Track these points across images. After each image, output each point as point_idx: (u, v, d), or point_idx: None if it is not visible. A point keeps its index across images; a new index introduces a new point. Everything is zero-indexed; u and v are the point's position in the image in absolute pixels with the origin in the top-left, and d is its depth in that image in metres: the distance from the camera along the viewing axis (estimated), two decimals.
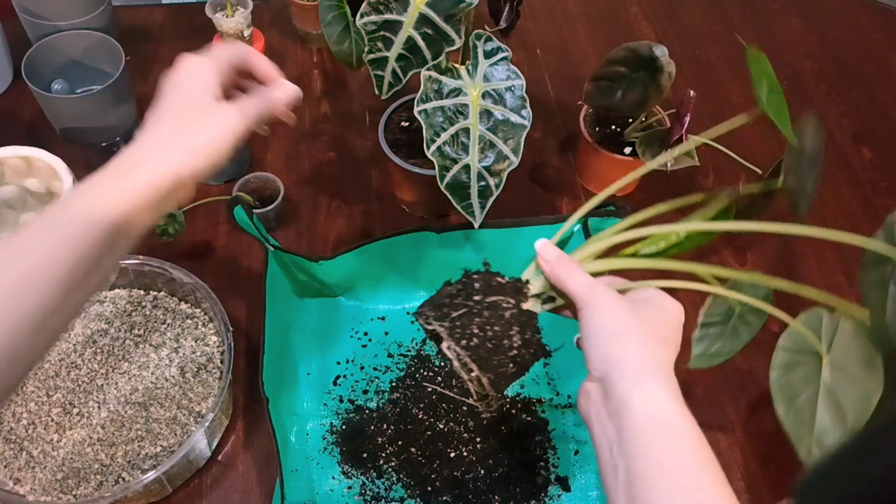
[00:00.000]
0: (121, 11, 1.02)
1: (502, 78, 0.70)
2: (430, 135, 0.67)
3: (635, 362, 0.43)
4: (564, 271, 0.50)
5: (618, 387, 0.43)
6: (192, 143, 0.47)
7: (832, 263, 0.88)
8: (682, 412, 0.42)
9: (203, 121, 0.48)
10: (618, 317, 0.46)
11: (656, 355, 0.45)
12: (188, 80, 0.49)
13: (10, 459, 0.63)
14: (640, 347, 0.44)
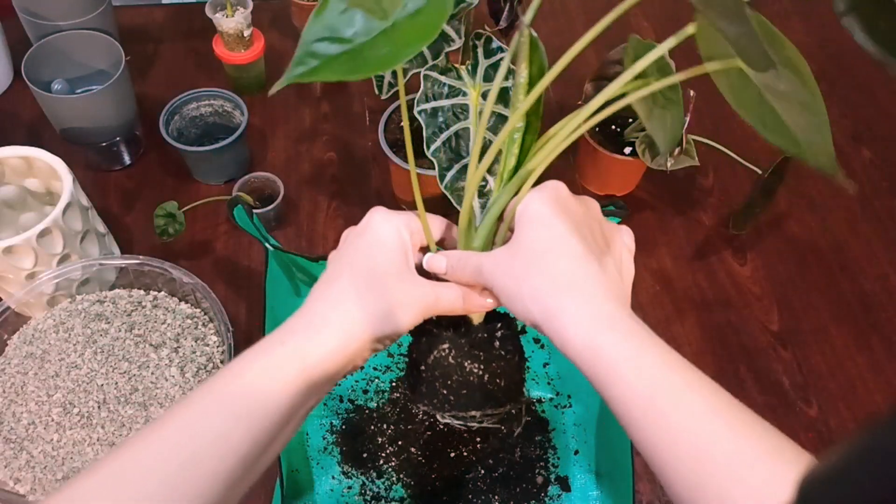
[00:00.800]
0: (121, 11, 1.02)
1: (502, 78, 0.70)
2: (430, 135, 0.67)
3: (545, 321, 0.40)
4: (459, 269, 0.45)
5: (555, 339, 0.40)
6: (383, 309, 0.43)
7: (832, 263, 0.88)
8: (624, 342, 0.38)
9: (399, 289, 0.44)
10: (514, 291, 0.41)
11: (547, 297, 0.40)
12: (387, 242, 0.45)
13: (10, 459, 0.63)
14: (543, 306, 0.40)
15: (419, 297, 0.44)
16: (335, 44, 0.36)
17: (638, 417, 0.38)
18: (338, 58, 0.35)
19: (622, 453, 0.63)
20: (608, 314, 0.39)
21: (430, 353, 0.49)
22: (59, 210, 0.67)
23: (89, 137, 0.83)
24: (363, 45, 0.36)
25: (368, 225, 0.47)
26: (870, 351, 0.81)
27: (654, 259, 0.86)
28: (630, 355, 0.38)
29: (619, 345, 0.38)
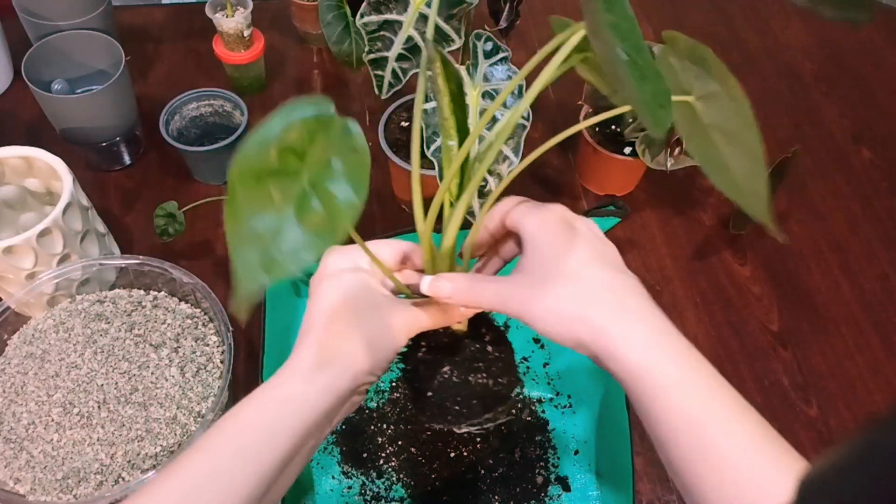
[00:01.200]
0: (121, 11, 1.02)
1: (502, 78, 0.70)
2: (429, 135, 0.67)
3: (593, 341, 0.39)
4: (472, 296, 0.44)
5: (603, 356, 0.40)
6: (366, 341, 0.43)
7: (832, 263, 0.88)
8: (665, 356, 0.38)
9: (377, 317, 0.44)
10: (545, 322, 0.41)
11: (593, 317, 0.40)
12: (348, 278, 0.45)
13: (10, 459, 0.63)
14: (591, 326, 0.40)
15: (400, 321, 0.44)
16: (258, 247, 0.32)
17: (682, 442, 0.38)
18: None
19: (622, 453, 0.63)
20: (660, 331, 0.39)
21: (433, 380, 0.49)
22: (59, 210, 0.67)
23: (89, 137, 0.83)
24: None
25: (325, 268, 0.46)
26: (870, 351, 0.81)
27: (654, 259, 0.86)
28: (680, 378, 0.38)
29: (670, 366, 0.38)
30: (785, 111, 1.03)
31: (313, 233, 0.32)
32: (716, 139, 0.39)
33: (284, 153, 0.34)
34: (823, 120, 1.03)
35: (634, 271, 0.90)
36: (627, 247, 0.87)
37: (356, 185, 0.33)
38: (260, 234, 0.31)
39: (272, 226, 0.32)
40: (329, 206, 0.33)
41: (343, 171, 0.34)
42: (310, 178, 0.33)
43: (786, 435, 0.77)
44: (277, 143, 0.35)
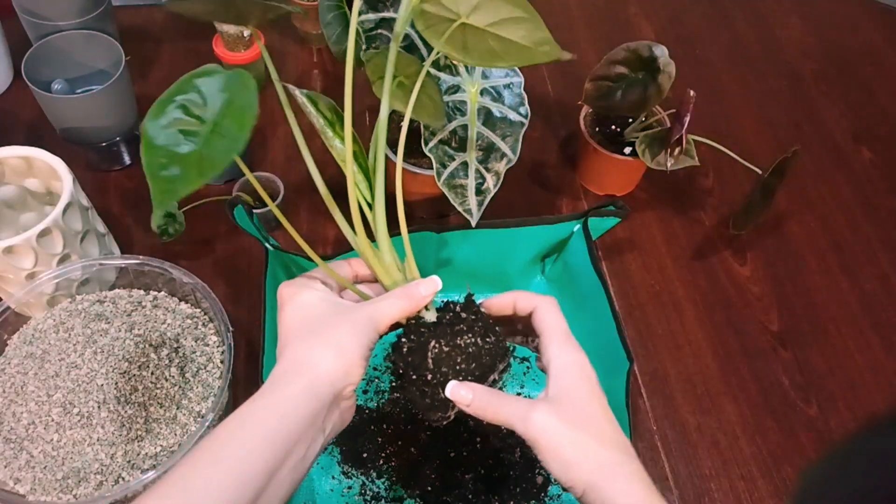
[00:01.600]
0: (121, 11, 1.02)
1: (501, 75, 0.70)
2: (427, 131, 0.67)
3: (600, 488, 0.44)
4: (491, 410, 0.47)
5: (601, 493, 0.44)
6: (338, 343, 0.45)
7: (832, 263, 0.88)
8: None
9: (343, 320, 0.46)
10: (563, 450, 0.45)
11: (606, 463, 0.44)
12: (303, 296, 0.49)
13: (10, 459, 0.63)
14: (594, 470, 0.44)
15: (364, 317, 0.46)
16: (175, 165, 0.42)
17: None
18: (186, 172, 0.42)
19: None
20: (646, 487, 0.44)
21: (426, 361, 0.49)
22: (59, 210, 0.67)
23: (89, 137, 0.83)
24: (200, 151, 0.42)
25: (281, 298, 0.50)
26: (870, 351, 0.81)
27: (654, 259, 0.86)
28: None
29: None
30: (785, 111, 1.03)
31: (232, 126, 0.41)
32: (493, 34, 0.49)
33: (190, 106, 0.44)
34: (823, 120, 1.03)
35: (634, 271, 0.91)
36: (627, 247, 0.87)
37: (246, 114, 0.42)
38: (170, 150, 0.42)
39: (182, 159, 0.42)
40: (229, 133, 0.42)
41: (238, 109, 0.42)
42: (214, 120, 0.42)
43: (786, 435, 0.78)
44: (182, 101, 0.44)
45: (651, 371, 0.78)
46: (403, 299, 0.49)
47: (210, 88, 0.43)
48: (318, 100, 0.56)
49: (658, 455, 0.72)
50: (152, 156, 0.42)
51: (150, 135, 0.43)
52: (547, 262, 0.80)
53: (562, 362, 0.48)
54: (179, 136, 0.42)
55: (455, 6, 0.49)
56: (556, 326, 0.49)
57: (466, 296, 0.53)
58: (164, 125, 0.43)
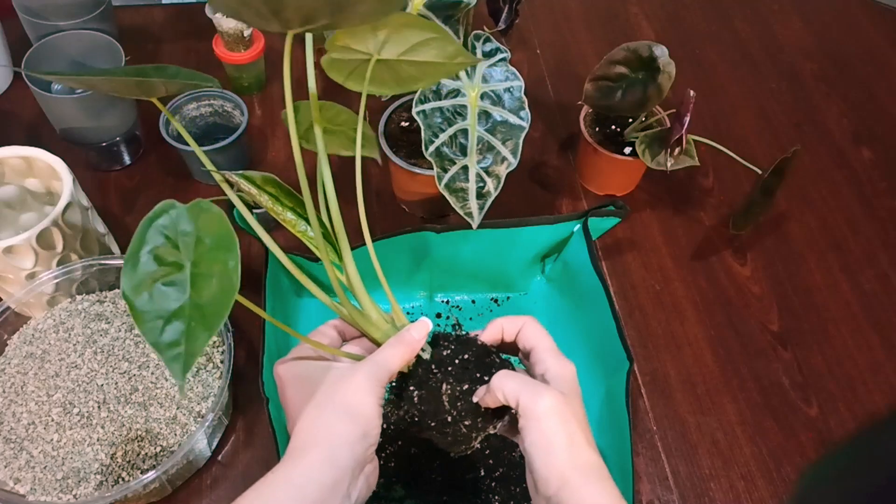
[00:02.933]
0: (121, 11, 1.02)
1: (501, 79, 0.70)
2: (428, 135, 0.67)
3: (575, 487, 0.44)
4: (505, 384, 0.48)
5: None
6: (346, 406, 0.45)
7: (832, 263, 0.88)
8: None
9: (344, 383, 0.46)
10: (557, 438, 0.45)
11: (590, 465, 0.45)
12: (300, 370, 0.50)
13: (10, 459, 0.63)
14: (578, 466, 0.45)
15: (364, 377, 0.46)
16: (174, 322, 0.38)
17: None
18: (191, 328, 0.38)
19: (622, 453, 0.63)
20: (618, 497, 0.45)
21: (442, 405, 0.50)
22: (59, 210, 0.67)
23: (89, 137, 0.83)
24: (193, 301, 0.39)
25: (279, 379, 0.51)
26: (870, 351, 0.81)
27: (654, 259, 0.86)
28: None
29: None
30: (785, 111, 1.03)
31: (213, 300, 0.38)
32: (408, 61, 0.51)
33: (161, 253, 0.40)
34: (823, 120, 1.03)
35: (634, 271, 0.91)
36: (627, 247, 0.87)
37: (226, 244, 0.40)
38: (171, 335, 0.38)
39: (178, 314, 0.38)
40: (221, 274, 0.39)
41: (214, 241, 0.40)
42: (192, 261, 0.40)
43: (786, 435, 0.78)
44: (150, 250, 0.40)
45: (651, 371, 0.78)
46: (400, 347, 0.49)
47: (174, 228, 0.41)
48: (256, 178, 0.58)
49: (658, 455, 0.72)
50: (145, 323, 0.38)
51: (132, 302, 0.39)
52: (547, 262, 0.80)
53: (557, 371, 0.49)
54: (164, 290, 0.39)
55: (364, 46, 0.51)
56: (544, 340, 0.51)
57: (455, 331, 0.55)
58: (139, 283, 0.39)
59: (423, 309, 0.79)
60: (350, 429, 0.44)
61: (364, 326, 0.53)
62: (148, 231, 0.40)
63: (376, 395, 0.46)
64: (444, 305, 0.80)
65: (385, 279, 0.55)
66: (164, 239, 0.40)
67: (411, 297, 0.79)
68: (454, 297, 0.80)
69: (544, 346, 0.50)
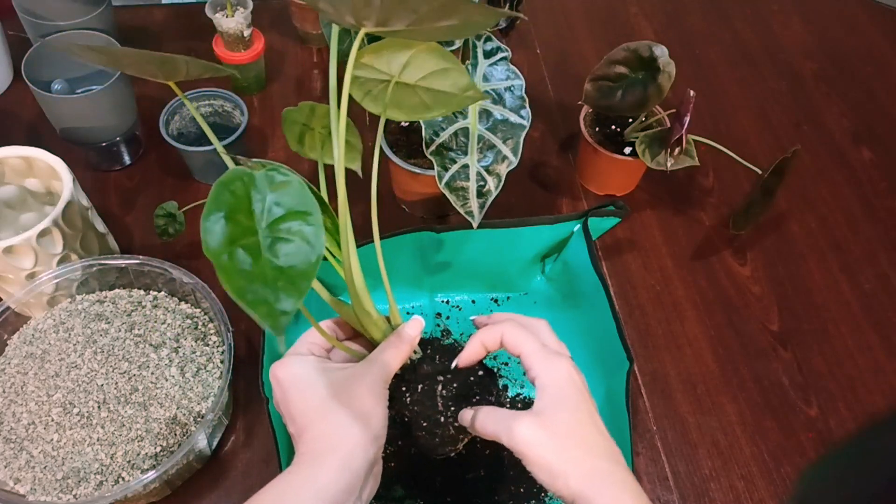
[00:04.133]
0: (121, 11, 1.02)
1: (502, 78, 0.70)
2: (429, 134, 0.67)
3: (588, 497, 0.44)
4: (478, 425, 0.49)
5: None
6: (352, 408, 0.46)
7: (832, 263, 0.88)
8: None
9: (346, 392, 0.47)
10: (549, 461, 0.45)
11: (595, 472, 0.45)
12: (299, 374, 0.49)
13: (10, 459, 0.63)
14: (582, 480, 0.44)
15: (367, 380, 0.47)
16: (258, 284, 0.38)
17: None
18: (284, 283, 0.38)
19: (622, 453, 0.63)
20: (636, 493, 0.45)
21: (436, 405, 0.51)
22: (59, 210, 0.67)
23: (89, 137, 0.83)
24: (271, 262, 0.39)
25: (277, 381, 0.50)
26: (870, 351, 0.81)
27: (654, 259, 0.86)
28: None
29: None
30: (785, 111, 1.03)
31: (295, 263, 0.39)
32: (424, 87, 0.53)
33: (234, 218, 0.40)
34: (823, 120, 1.03)
35: (634, 271, 0.90)
36: (627, 247, 0.87)
37: (303, 202, 0.40)
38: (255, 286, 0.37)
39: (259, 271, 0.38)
40: (298, 235, 0.39)
41: (285, 203, 0.40)
42: (266, 223, 0.40)
43: (786, 435, 0.78)
44: (224, 214, 0.39)
45: (651, 371, 0.78)
46: (400, 345, 0.50)
47: (247, 194, 0.41)
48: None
49: (658, 455, 0.72)
50: (230, 283, 0.37)
51: (218, 262, 0.38)
52: (547, 262, 0.80)
53: (546, 376, 0.48)
54: (242, 254, 0.39)
55: (388, 67, 0.52)
56: (527, 344, 0.49)
57: (441, 331, 0.55)
58: (218, 247, 0.38)
59: (424, 309, 0.79)
60: (363, 434, 0.45)
61: (365, 324, 0.53)
62: (222, 194, 0.40)
63: (383, 397, 0.47)
64: (444, 305, 0.80)
65: (369, 283, 0.55)
66: (236, 201, 0.40)
67: (411, 296, 0.79)
68: (454, 297, 0.80)
69: (528, 351, 0.49)
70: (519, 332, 0.50)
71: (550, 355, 0.49)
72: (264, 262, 0.38)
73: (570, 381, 0.48)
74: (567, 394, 0.47)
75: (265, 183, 0.41)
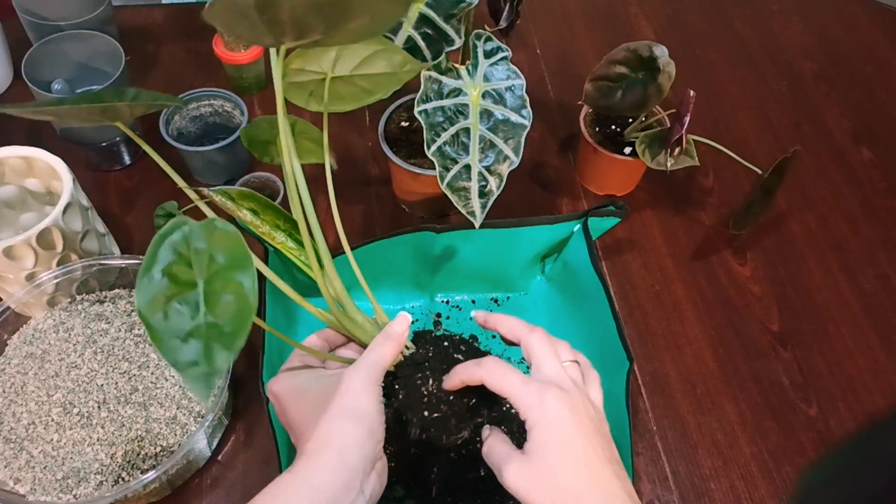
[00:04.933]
0: (121, 11, 1.02)
1: (502, 78, 0.70)
2: (430, 135, 0.67)
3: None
4: (485, 449, 0.49)
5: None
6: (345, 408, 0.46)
7: (832, 263, 0.88)
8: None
9: (339, 395, 0.47)
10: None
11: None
12: (294, 385, 0.50)
13: (10, 459, 0.63)
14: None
15: (358, 379, 0.47)
16: (190, 341, 0.37)
17: None
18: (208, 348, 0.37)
19: (622, 453, 0.63)
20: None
21: (420, 395, 0.51)
22: (59, 210, 0.67)
23: (89, 137, 0.83)
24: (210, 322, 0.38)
25: (275, 397, 0.51)
26: (870, 351, 0.81)
27: (654, 259, 0.86)
28: None
29: None
30: (785, 111, 1.03)
31: (231, 320, 0.37)
32: (360, 75, 0.54)
33: (171, 272, 0.38)
34: (823, 120, 1.03)
35: (634, 271, 0.90)
36: (627, 247, 0.87)
37: (241, 264, 0.38)
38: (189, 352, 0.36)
39: (195, 333, 0.37)
40: (236, 293, 0.37)
41: (228, 260, 0.38)
42: (204, 279, 0.38)
43: (786, 435, 0.78)
44: (163, 268, 0.38)
45: (651, 371, 0.78)
46: (388, 342, 0.50)
47: (187, 245, 0.39)
48: (233, 193, 0.59)
49: (658, 455, 0.72)
50: (162, 342, 0.36)
51: (148, 320, 0.37)
52: (547, 262, 0.80)
53: (535, 416, 0.45)
54: (179, 309, 0.37)
55: (320, 66, 0.53)
56: (508, 387, 0.46)
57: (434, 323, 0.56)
58: (153, 301, 0.37)
59: (424, 309, 0.79)
60: (356, 429, 0.45)
61: (351, 329, 0.53)
62: (160, 248, 0.39)
63: (374, 393, 0.47)
64: (444, 305, 0.80)
65: (366, 282, 0.56)
66: (176, 256, 0.39)
67: (411, 296, 0.79)
68: (454, 297, 0.80)
69: (513, 392, 0.46)
70: (501, 370, 0.47)
71: (538, 390, 0.45)
72: (200, 318, 0.37)
73: (560, 419, 0.44)
74: (557, 434, 0.44)
75: (203, 234, 0.39)
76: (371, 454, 0.45)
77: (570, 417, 0.44)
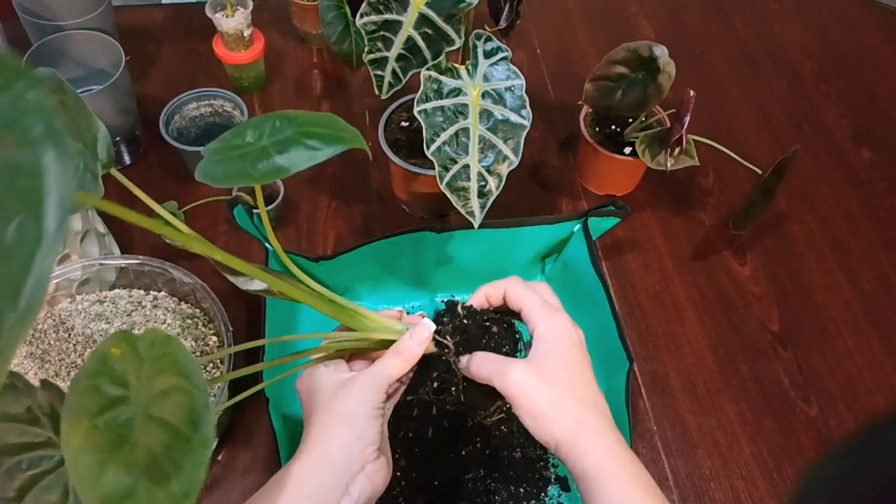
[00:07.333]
0: (121, 11, 1.02)
1: (502, 78, 0.70)
2: (429, 135, 0.67)
3: (571, 442, 0.46)
4: (474, 367, 0.51)
5: (568, 460, 0.47)
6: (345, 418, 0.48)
7: (832, 263, 0.88)
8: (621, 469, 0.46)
9: (344, 395, 0.49)
10: (538, 405, 0.47)
11: (580, 419, 0.47)
12: (317, 382, 0.51)
13: None
14: (568, 424, 0.47)
15: (362, 384, 0.49)
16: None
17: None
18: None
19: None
20: (615, 443, 0.47)
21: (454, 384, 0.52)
22: None
23: None
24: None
25: (299, 393, 0.52)
26: (870, 351, 0.81)
27: (654, 259, 0.86)
28: (626, 478, 0.46)
29: (619, 470, 0.46)
30: (785, 111, 1.03)
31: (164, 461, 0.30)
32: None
33: (98, 389, 0.33)
34: (823, 120, 1.03)
35: (634, 271, 0.90)
36: (627, 247, 0.87)
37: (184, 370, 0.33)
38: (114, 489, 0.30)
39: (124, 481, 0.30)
40: (169, 430, 0.31)
41: (169, 388, 0.32)
42: (142, 403, 0.33)
43: (786, 435, 0.78)
44: (95, 382, 0.33)
45: (651, 371, 0.78)
46: (397, 359, 0.51)
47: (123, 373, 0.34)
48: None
49: (658, 455, 0.72)
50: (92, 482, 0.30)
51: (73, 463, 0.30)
52: (547, 262, 0.80)
53: (544, 329, 0.50)
54: (107, 433, 0.31)
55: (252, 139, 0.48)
56: (528, 298, 0.52)
57: (463, 305, 0.56)
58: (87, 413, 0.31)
59: (423, 309, 0.79)
60: (342, 432, 0.47)
61: (372, 335, 0.53)
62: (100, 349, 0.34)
63: (370, 402, 0.48)
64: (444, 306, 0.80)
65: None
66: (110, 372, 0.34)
67: (411, 296, 0.79)
68: (454, 297, 0.80)
69: (529, 306, 0.52)
70: (521, 287, 0.53)
71: (551, 310, 0.51)
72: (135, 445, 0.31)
73: (567, 335, 0.50)
74: (563, 346, 0.50)
75: (153, 349, 0.35)
76: (358, 457, 0.47)
77: (574, 338, 0.51)
